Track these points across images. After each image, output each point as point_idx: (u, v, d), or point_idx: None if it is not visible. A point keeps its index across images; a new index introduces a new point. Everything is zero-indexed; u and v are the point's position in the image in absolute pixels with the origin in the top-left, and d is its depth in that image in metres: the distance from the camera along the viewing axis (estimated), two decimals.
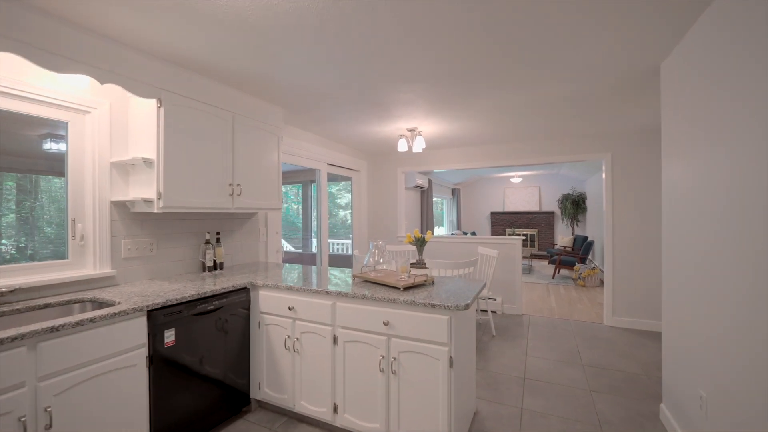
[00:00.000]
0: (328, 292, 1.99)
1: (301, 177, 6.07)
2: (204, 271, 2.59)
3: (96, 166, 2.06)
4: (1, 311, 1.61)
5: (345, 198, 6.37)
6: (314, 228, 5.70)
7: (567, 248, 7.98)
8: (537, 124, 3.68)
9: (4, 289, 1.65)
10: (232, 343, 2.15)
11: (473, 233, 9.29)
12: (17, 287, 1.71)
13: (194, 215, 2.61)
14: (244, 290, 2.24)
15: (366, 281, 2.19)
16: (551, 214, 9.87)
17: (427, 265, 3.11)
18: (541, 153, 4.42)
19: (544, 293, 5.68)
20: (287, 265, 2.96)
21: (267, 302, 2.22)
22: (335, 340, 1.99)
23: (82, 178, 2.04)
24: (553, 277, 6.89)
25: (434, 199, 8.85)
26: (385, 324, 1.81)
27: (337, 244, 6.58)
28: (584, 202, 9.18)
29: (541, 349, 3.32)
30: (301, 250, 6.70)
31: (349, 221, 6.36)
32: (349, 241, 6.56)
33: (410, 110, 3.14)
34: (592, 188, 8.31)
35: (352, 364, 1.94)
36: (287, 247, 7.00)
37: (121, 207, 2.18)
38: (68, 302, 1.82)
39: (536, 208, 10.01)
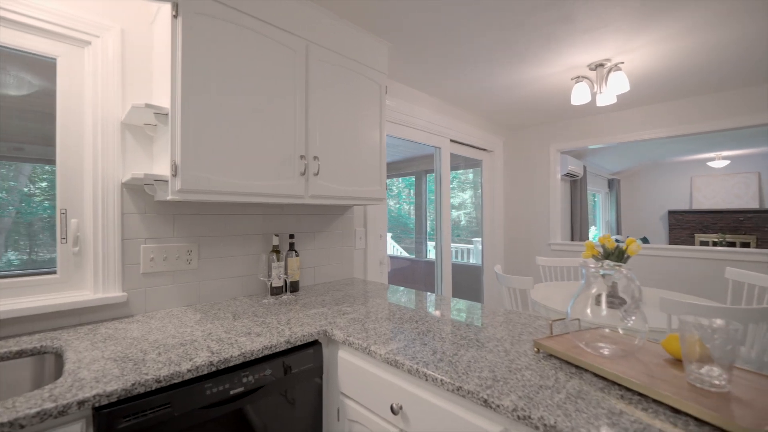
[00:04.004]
0: (490, 403, 0.76)
1: (413, 167, 5.01)
2: (269, 294, 1.67)
3: (98, 129, 1.30)
4: None
5: (458, 197, 5.05)
6: (430, 229, 4.58)
7: None
8: None
9: None
10: None
11: (644, 239, 6.75)
12: None
13: (254, 207, 1.72)
14: (314, 346, 1.20)
15: (576, 367, 0.88)
16: None
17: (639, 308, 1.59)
18: None
19: None
20: (393, 287, 1.86)
21: (351, 378, 1.13)
22: None
23: (78, 146, 1.30)
24: None
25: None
26: None
27: (452, 248, 5.29)
28: None
29: None
30: (413, 256, 5.65)
31: (463, 222, 5.02)
32: (468, 246, 5.23)
33: (610, 14, 1.67)
34: None
35: None
36: (398, 250, 6.05)
37: (139, 193, 1.39)
38: (20, 353, 1.04)
39: (753, 205, 6.75)
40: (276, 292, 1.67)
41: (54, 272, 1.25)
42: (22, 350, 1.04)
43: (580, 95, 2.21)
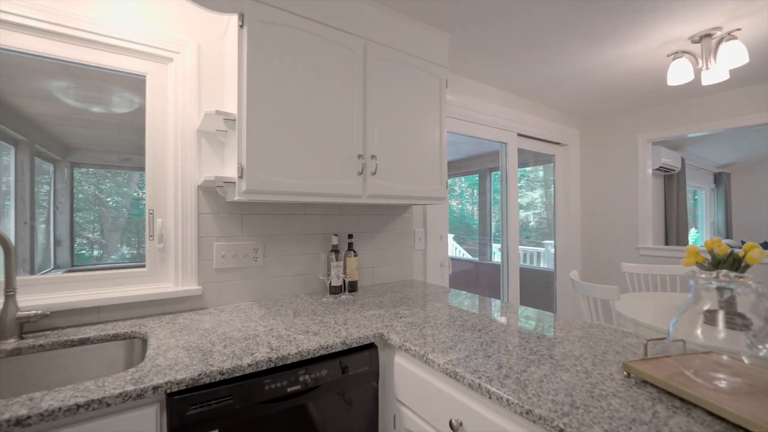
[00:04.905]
0: None
1: (476, 165, 4.79)
2: (328, 293, 1.69)
3: (178, 136, 1.43)
4: (19, 347, 1.05)
5: (526, 197, 4.67)
6: (495, 231, 4.35)
7: None
8: None
9: (34, 312, 1.11)
10: None
11: (764, 245, 5.61)
12: (56, 308, 1.17)
13: (314, 207, 1.76)
14: (369, 349, 1.17)
15: (680, 400, 0.72)
16: None
17: None
18: None
19: None
20: (454, 291, 1.76)
21: (407, 385, 1.07)
22: None
23: (163, 153, 1.44)
24: None
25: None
26: None
27: (520, 250, 4.93)
28: None
29: None
30: (477, 258, 5.39)
31: (532, 223, 4.63)
32: (538, 249, 4.84)
33: None
34: None
35: None
36: (460, 252, 5.84)
37: (212, 194, 1.50)
38: (114, 337, 1.18)
39: None
40: (335, 291, 1.68)
41: (144, 266, 1.40)
42: (117, 334, 1.18)
43: (679, 74, 1.88)
